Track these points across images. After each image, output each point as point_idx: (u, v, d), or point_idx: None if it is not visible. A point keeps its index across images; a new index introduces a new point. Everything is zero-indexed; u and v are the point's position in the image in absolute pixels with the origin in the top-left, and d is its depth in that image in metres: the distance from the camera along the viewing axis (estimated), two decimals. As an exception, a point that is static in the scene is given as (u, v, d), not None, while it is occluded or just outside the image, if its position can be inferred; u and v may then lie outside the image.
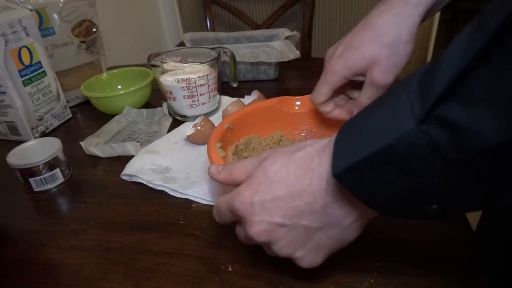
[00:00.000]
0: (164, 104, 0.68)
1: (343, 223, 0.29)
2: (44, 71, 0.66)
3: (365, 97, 0.42)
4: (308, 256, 0.30)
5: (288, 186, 0.28)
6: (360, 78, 0.42)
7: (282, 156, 0.30)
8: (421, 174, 0.21)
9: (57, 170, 0.53)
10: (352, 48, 0.41)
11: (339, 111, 0.46)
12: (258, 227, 0.29)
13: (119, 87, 0.78)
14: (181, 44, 0.91)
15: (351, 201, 0.27)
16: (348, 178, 0.25)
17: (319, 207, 0.28)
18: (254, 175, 0.31)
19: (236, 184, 0.32)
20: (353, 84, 0.45)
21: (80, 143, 0.60)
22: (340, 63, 0.42)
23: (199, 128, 0.56)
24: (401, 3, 0.39)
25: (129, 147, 0.57)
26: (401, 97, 0.22)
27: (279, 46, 0.76)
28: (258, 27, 1.36)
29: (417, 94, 0.21)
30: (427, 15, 0.40)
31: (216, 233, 0.42)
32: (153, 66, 0.64)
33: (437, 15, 1.48)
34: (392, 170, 0.22)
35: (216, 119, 0.64)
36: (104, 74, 0.79)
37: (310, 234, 0.29)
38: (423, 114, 0.20)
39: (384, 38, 0.39)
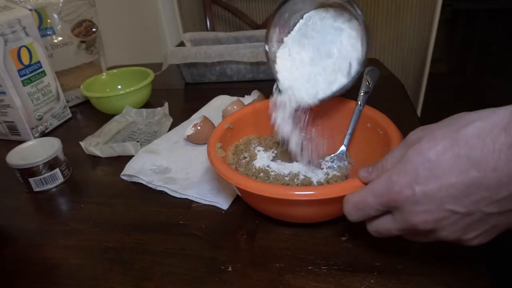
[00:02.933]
0: (166, 104, 0.68)
1: None
2: (43, 71, 0.66)
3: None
4: (479, 237, 0.27)
5: (462, 173, 0.24)
6: None
7: (443, 135, 0.26)
8: None
9: (57, 170, 0.53)
10: None
11: None
12: (425, 217, 0.26)
13: (119, 87, 0.78)
14: (181, 44, 0.91)
15: None
16: None
17: (506, 194, 0.24)
18: (407, 158, 0.27)
19: None
20: None
21: (80, 143, 0.60)
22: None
23: (199, 128, 0.56)
24: None
25: (129, 147, 0.57)
26: None
27: (279, 46, 0.76)
28: (258, 27, 1.36)
29: None
30: None
31: (216, 233, 0.42)
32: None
33: (437, 15, 1.48)
34: None
35: (215, 118, 0.64)
36: (104, 74, 0.79)
37: (487, 219, 0.25)
38: None
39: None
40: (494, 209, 0.25)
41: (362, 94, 0.46)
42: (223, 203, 0.45)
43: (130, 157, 0.55)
